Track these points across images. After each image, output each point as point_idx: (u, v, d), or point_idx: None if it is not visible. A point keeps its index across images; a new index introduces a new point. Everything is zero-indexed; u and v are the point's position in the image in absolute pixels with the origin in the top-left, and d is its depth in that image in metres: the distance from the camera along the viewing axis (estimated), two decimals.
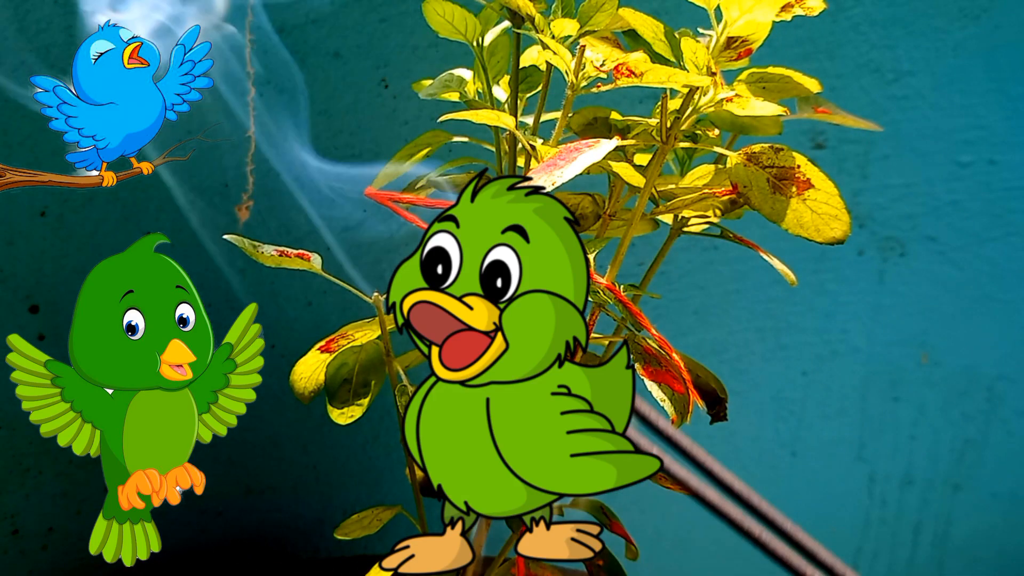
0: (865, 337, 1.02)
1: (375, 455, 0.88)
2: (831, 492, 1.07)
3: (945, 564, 1.12)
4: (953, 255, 1.01)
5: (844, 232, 0.54)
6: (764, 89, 0.57)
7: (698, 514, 1.07)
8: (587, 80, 0.57)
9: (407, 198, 0.57)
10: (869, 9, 0.92)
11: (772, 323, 0.99)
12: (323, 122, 0.79)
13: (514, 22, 0.60)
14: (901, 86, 0.95)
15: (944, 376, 1.05)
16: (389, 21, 0.78)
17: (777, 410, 1.02)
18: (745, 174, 0.55)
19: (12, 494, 0.77)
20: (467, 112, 0.57)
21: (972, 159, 0.99)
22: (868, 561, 1.09)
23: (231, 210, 0.78)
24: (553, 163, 0.52)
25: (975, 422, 1.08)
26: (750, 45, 0.55)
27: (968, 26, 0.95)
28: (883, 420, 1.05)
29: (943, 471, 1.09)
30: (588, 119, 0.63)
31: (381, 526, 0.63)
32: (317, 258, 0.59)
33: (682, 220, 0.62)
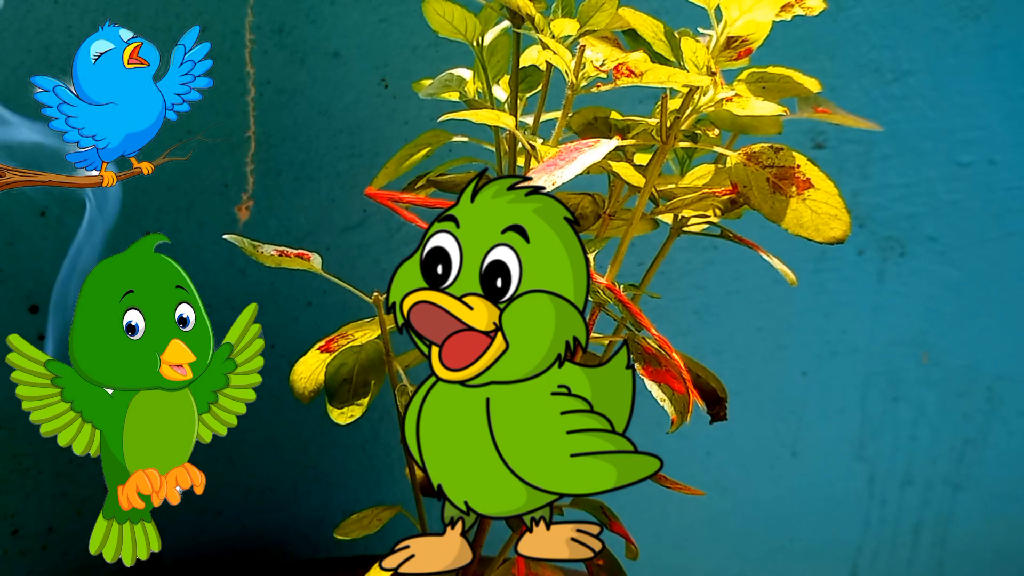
0: (865, 337, 1.02)
1: (375, 455, 0.88)
2: (831, 492, 1.07)
3: (945, 564, 1.12)
4: (953, 255, 1.01)
5: (844, 232, 0.54)
6: (764, 89, 0.57)
7: (698, 514, 1.08)
8: (587, 80, 0.57)
9: (407, 198, 0.57)
10: (869, 9, 0.92)
11: (772, 323, 0.99)
12: (323, 122, 0.79)
13: (514, 22, 0.60)
14: (901, 86, 0.95)
15: (944, 376, 1.05)
16: (389, 21, 0.78)
17: (777, 410, 1.02)
18: (745, 174, 0.55)
19: (12, 494, 0.77)
20: (467, 112, 0.57)
21: (972, 159, 0.99)
22: (868, 561, 1.10)
23: (231, 210, 0.78)
24: (553, 163, 0.52)
25: (975, 422, 1.08)
26: (750, 45, 0.55)
27: (968, 26, 0.95)
28: (883, 420, 1.05)
29: (943, 471, 1.09)
30: (588, 119, 0.63)
31: (381, 526, 0.63)
32: (317, 258, 0.59)
33: (682, 220, 0.62)
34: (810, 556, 1.08)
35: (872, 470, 1.07)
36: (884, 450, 1.06)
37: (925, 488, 1.09)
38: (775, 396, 1.02)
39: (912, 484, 1.08)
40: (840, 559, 1.09)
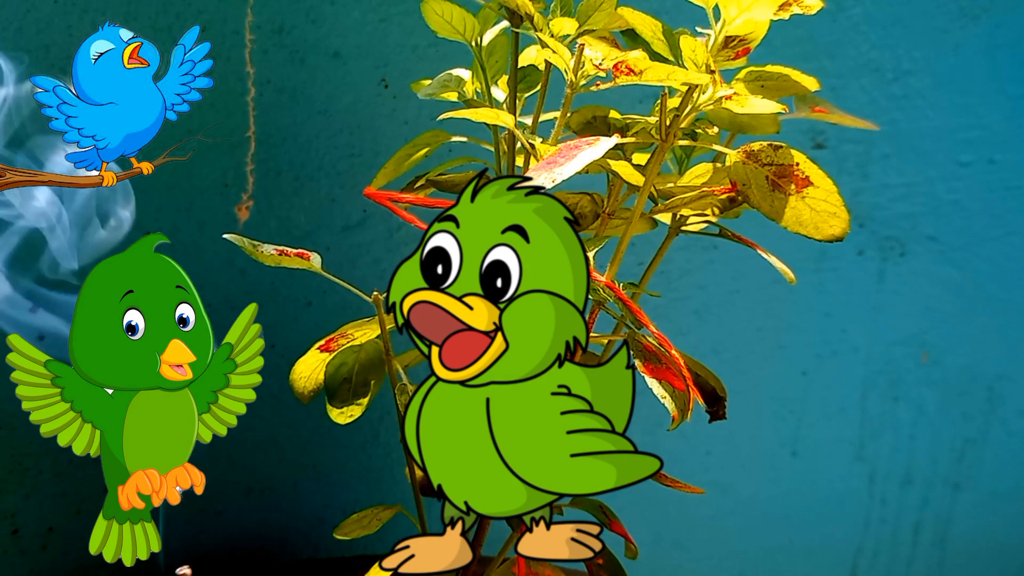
0: (865, 337, 1.02)
1: (375, 455, 0.88)
2: (831, 492, 1.07)
3: (945, 564, 1.12)
4: (953, 255, 1.01)
5: (843, 229, 0.54)
6: (763, 87, 0.57)
7: (698, 514, 1.08)
8: (586, 79, 0.57)
9: (407, 198, 0.57)
10: (869, 9, 0.92)
11: (772, 323, 0.99)
12: (323, 122, 0.79)
13: (513, 21, 0.60)
14: (901, 86, 0.95)
15: (944, 376, 1.05)
16: (389, 21, 0.78)
17: (777, 410, 1.02)
18: (744, 172, 0.55)
19: (12, 494, 0.77)
20: (467, 111, 0.57)
21: (972, 159, 0.99)
22: (868, 561, 1.09)
23: (231, 210, 0.78)
24: (552, 161, 0.52)
25: (975, 422, 1.08)
26: (748, 44, 0.55)
27: (968, 26, 0.95)
28: (883, 420, 1.05)
29: (943, 471, 1.09)
30: (587, 118, 0.63)
31: (381, 526, 0.63)
32: (317, 258, 0.59)
33: (681, 219, 0.62)
34: (810, 556, 1.08)
35: (872, 470, 1.07)
36: (884, 450, 1.06)
37: (925, 488, 1.09)
38: (775, 396, 1.02)
39: (912, 484, 1.08)
40: (840, 559, 1.09)
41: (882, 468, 1.07)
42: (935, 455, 1.08)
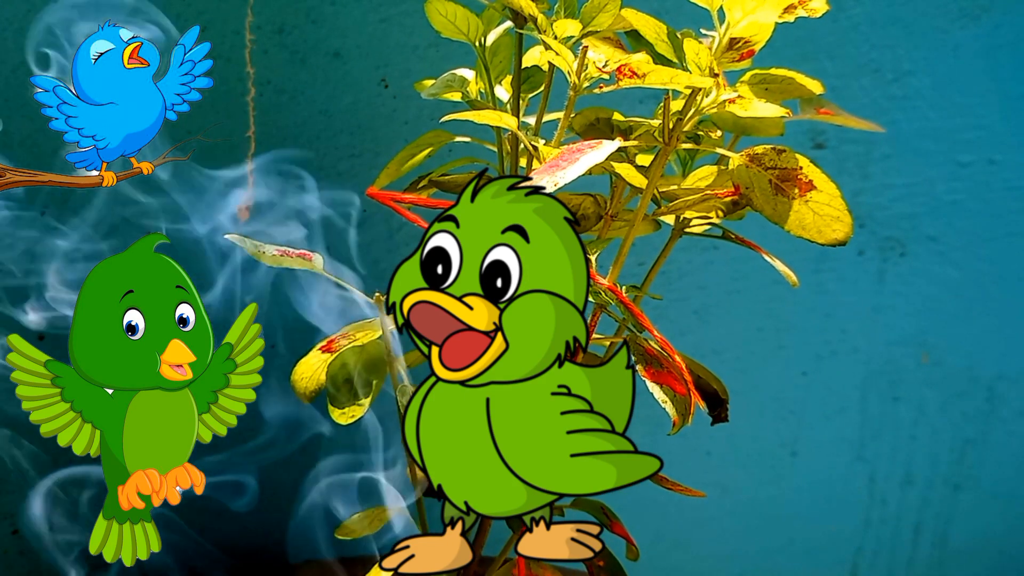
0: (865, 337, 1.02)
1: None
2: (831, 492, 1.07)
3: (945, 564, 1.12)
4: (953, 255, 1.01)
5: (846, 234, 0.54)
6: (766, 90, 0.57)
7: (698, 514, 1.07)
8: (589, 81, 0.57)
9: (408, 198, 0.57)
10: (869, 9, 0.92)
11: (772, 323, 0.99)
12: (323, 122, 0.79)
13: (516, 22, 0.60)
14: (901, 86, 0.95)
15: (944, 376, 1.05)
16: (389, 21, 0.78)
17: (777, 410, 1.02)
18: (747, 175, 0.55)
19: (12, 494, 0.77)
20: (469, 112, 0.57)
21: (972, 159, 0.99)
22: (868, 561, 1.10)
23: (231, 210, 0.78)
24: (556, 164, 0.52)
25: (975, 422, 1.08)
26: (752, 46, 0.55)
27: (968, 26, 0.95)
28: (883, 420, 1.05)
29: (943, 471, 1.09)
30: (590, 120, 0.63)
31: (381, 526, 0.63)
32: (318, 258, 0.59)
33: (684, 221, 0.62)
34: (810, 556, 1.08)
35: (872, 470, 1.07)
36: (884, 450, 1.06)
37: (925, 488, 1.09)
38: (775, 396, 1.02)
39: (912, 484, 1.08)
40: (840, 559, 1.09)
41: (882, 468, 1.07)
42: (935, 455, 1.08)
